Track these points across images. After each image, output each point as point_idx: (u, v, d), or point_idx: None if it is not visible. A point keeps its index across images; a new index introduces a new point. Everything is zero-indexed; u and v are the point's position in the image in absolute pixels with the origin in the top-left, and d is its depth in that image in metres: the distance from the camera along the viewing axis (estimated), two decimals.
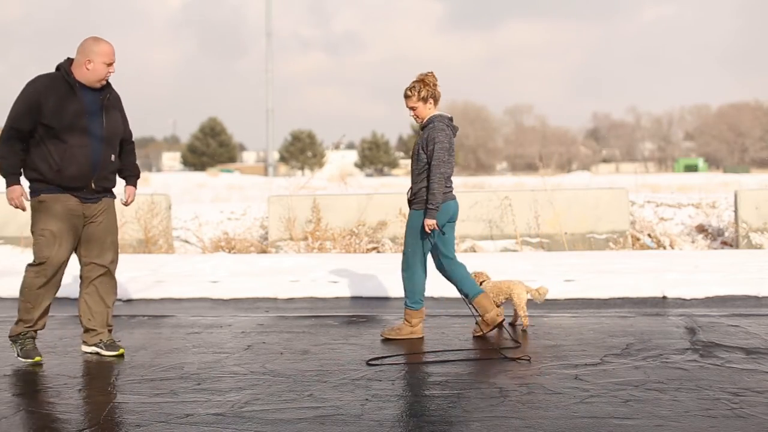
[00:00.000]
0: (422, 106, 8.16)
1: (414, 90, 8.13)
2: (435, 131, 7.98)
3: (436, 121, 8.07)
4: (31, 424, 5.93)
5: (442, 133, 7.97)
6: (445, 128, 8.04)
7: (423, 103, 8.14)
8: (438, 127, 8.00)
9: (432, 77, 8.14)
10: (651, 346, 7.88)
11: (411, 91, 8.14)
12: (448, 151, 8.03)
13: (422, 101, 8.13)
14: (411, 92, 8.14)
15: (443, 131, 8.00)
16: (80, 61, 7.61)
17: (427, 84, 8.10)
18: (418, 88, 8.11)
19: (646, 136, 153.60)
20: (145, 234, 17.99)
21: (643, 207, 21.09)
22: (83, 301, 7.92)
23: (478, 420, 5.68)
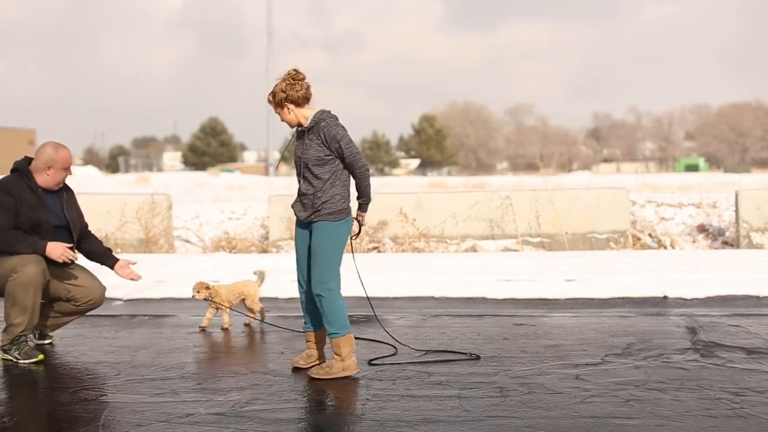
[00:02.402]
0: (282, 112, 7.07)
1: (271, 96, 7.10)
2: (331, 128, 6.90)
3: (327, 119, 6.96)
4: (31, 425, 5.94)
5: (340, 127, 6.93)
6: (336, 120, 6.99)
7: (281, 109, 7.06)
8: (331, 123, 6.92)
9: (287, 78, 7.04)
10: (652, 346, 7.89)
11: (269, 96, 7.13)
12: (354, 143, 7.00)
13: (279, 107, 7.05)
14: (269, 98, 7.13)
15: (339, 126, 6.95)
16: (40, 167, 7.91)
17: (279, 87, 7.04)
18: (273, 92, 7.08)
19: (647, 136, 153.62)
20: (146, 234, 18.00)
21: (643, 207, 21.10)
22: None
23: (478, 420, 5.68)
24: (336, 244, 7.00)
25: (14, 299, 7.54)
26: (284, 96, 6.97)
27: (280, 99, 6.99)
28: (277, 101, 7.02)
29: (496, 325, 9.12)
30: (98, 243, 8.55)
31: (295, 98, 6.98)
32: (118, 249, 17.22)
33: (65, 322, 8.42)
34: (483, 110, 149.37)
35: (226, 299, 9.05)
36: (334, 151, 6.88)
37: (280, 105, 7.01)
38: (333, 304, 6.98)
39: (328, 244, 6.97)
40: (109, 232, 17.55)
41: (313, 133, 6.92)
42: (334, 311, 6.97)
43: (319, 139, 6.89)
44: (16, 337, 7.64)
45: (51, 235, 7.84)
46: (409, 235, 17.33)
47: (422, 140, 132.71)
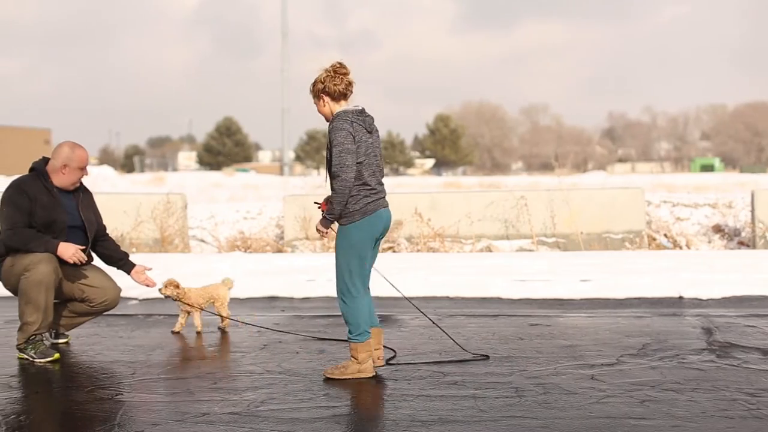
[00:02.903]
0: (318, 104, 7.05)
1: (310, 86, 7.07)
2: (333, 132, 6.79)
3: (335, 120, 6.85)
4: (47, 423, 5.96)
5: (340, 134, 6.72)
6: (345, 126, 6.77)
7: (318, 100, 7.04)
8: (337, 127, 6.78)
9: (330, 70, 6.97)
10: (667, 347, 7.87)
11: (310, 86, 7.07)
12: (354, 153, 6.72)
13: (316, 98, 7.06)
14: (310, 87, 7.08)
15: (341, 131, 6.74)
16: (56, 166, 7.97)
17: (319, 77, 6.98)
18: (313, 82, 7.03)
19: (662, 136, 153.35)
20: (161, 233, 18.04)
21: (659, 207, 21.07)
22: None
23: (493, 420, 5.67)
24: (347, 248, 6.87)
25: (27, 298, 7.57)
26: (322, 87, 6.89)
27: (318, 90, 6.92)
28: (315, 91, 6.97)
29: (511, 325, 9.12)
30: (116, 247, 8.59)
31: (332, 91, 6.89)
32: (133, 249, 17.26)
33: (80, 322, 8.45)
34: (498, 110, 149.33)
35: (195, 302, 8.99)
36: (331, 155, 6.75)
37: (317, 96, 6.95)
38: (350, 309, 6.92)
39: (340, 247, 6.90)
40: (124, 231, 17.60)
41: (328, 132, 6.86)
42: (353, 316, 6.92)
43: (328, 139, 6.83)
44: (32, 336, 7.66)
45: (65, 235, 7.88)
46: (424, 235, 17.33)
47: (437, 140, 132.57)
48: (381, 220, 6.92)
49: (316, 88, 6.92)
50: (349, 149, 6.67)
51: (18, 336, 7.76)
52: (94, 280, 8.20)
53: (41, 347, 7.70)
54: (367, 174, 6.82)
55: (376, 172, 6.94)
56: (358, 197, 6.77)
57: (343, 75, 6.90)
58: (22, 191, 7.77)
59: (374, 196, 6.86)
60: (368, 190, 6.82)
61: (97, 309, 8.28)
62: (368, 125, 6.92)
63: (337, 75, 6.88)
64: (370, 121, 6.98)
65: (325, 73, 6.89)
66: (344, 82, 6.90)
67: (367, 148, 6.83)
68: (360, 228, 6.81)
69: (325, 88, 6.88)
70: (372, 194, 6.85)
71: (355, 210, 6.77)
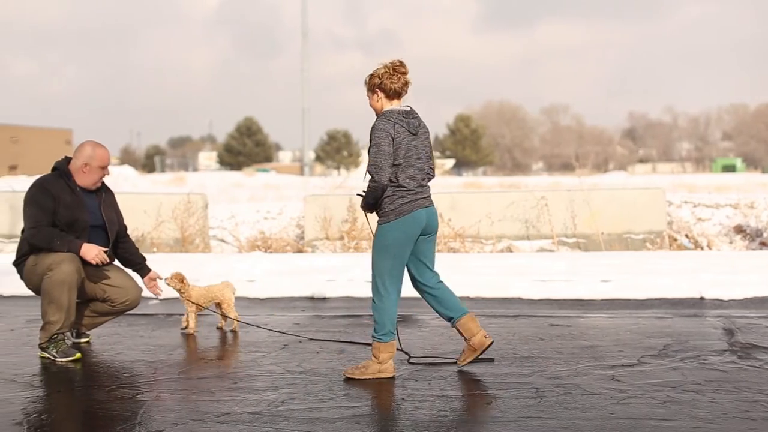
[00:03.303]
0: (371, 98, 7.05)
1: (366, 78, 7.08)
2: (372, 132, 6.79)
3: (378, 120, 6.84)
4: (69, 422, 5.98)
5: (378, 135, 6.71)
6: (386, 128, 6.74)
7: (371, 94, 7.03)
8: (377, 127, 6.77)
9: (389, 67, 6.97)
10: (688, 347, 7.84)
11: (366, 78, 7.09)
12: (388, 155, 6.69)
13: (370, 92, 7.04)
14: (366, 80, 7.10)
15: (382, 131, 6.72)
16: (78, 166, 8.02)
17: (377, 72, 6.97)
18: (369, 76, 7.06)
19: (683, 136, 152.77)
20: (182, 233, 18.08)
21: (680, 207, 21.01)
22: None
23: (514, 420, 5.67)
24: (382, 248, 6.87)
25: (50, 297, 7.59)
26: (378, 82, 6.89)
27: (374, 84, 6.93)
28: (370, 85, 6.97)
29: (532, 326, 9.11)
30: (135, 251, 8.64)
31: (387, 88, 6.89)
32: (154, 249, 17.31)
33: (102, 322, 8.48)
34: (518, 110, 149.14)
35: (196, 300, 8.99)
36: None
37: (372, 90, 6.96)
38: (378, 307, 6.95)
39: (375, 246, 6.92)
40: (145, 231, 17.65)
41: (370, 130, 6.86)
42: (379, 314, 6.94)
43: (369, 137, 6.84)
44: (54, 335, 7.69)
45: (88, 234, 7.90)
46: (445, 235, 17.31)
47: (457, 140, 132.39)
48: (417, 221, 6.87)
49: (372, 82, 6.94)
50: (385, 151, 6.68)
51: (40, 335, 7.79)
52: (116, 280, 8.23)
53: (63, 346, 7.73)
54: (404, 176, 6.80)
55: (417, 174, 6.88)
56: (393, 198, 6.78)
57: (401, 74, 6.93)
58: (46, 190, 7.80)
59: (411, 197, 6.83)
60: (404, 191, 6.80)
61: (118, 309, 8.31)
62: (412, 127, 6.89)
63: (396, 73, 6.90)
64: (416, 123, 6.94)
65: (384, 69, 6.92)
66: (401, 81, 6.92)
67: (408, 150, 6.80)
68: (395, 228, 6.81)
69: (382, 84, 6.89)
70: (409, 195, 6.82)
71: (390, 210, 6.79)
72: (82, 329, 8.44)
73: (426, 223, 6.94)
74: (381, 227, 6.85)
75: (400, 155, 6.75)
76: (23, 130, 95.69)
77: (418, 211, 6.86)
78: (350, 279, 12.62)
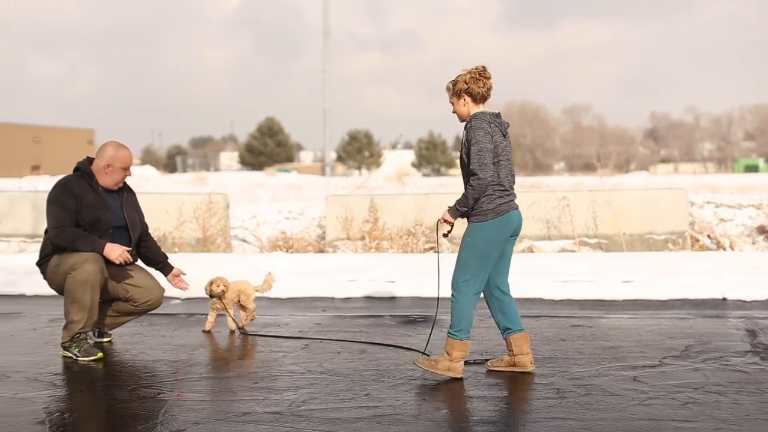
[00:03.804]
0: (456, 102, 7.13)
1: (451, 83, 7.17)
2: (472, 131, 6.84)
3: (474, 120, 6.91)
4: (90, 421, 6.00)
5: (479, 132, 6.78)
6: (484, 126, 6.83)
7: (457, 99, 7.10)
8: (475, 126, 6.84)
9: (474, 71, 7.04)
10: (711, 348, 7.81)
11: (449, 84, 7.17)
12: (492, 152, 6.77)
13: (456, 96, 7.11)
14: (449, 85, 7.17)
15: (481, 130, 6.80)
16: (100, 166, 8.05)
17: (463, 77, 7.05)
18: (455, 81, 7.14)
19: (706, 136, 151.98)
20: (204, 233, 18.11)
21: (702, 208, 20.92)
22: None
23: (534, 421, 5.66)
24: (472, 246, 6.91)
25: (73, 297, 7.62)
26: (465, 87, 6.98)
27: (460, 89, 7.01)
28: (456, 90, 7.04)
29: (553, 326, 9.09)
30: (156, 249, 8.68)
31: (474, 93, 6.98)
32: (176, 248, 17.34)
33: (124, 322, 8.51)
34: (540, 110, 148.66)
35: (230, 299, 9.01)
36: (468, 154, 6.83)
37: (458, 95, 7.04)
38: (458, 304, 6.96)
39: (466, 244, 6.95)
40: (167, 231, 17.70)
41: (465, 131, 6.95)
42: (458, 311, 6.95)
43: (463, 139, 6.93)
44: (76, 334, 7.72)
45: (110, 234, 7.93)
46: None
47: None
48: (512, 222, 6.94)
49: (458, 87, 7.03)
50: (488, 148, 6.74)
51: (62, 334, 7.82)
52: (139, 280, 8.25)
53: (85, 346, 7.76)
54: (502, 175, 6.88)
55: (509, 175, 6.98)
56: (492, 197, 6.82)
57: (486, 79, 7.02)
58: (68, 190, 7.83)
59: (507, 197, 6.91)
60: (502, 191, 6.87)
61: (141, 309, 8.34)
62: (503, 128, 6.99)
63: (481, 78, 6.99)
64: (506, 125, 7.05)
65: (470, 75, 7.01)
66: (486, 86, 7.01)
67: (502, 150, 6.89)
68: (490, 227, 6.85)
69: (468, 89, 6.99)
70: (506, 195, 6.89)
71: (488, 209, 6.82)
72: (104, 329, 8.47)
73: (516, 224, 7.01)
74: (475, 225, 6.89)
75: (498, 153, 6.86)
76: (46, 131, 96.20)
77: (514, 212, 6.96)
78: (371, 279, 12.62)
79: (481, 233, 6.84)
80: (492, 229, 6.83)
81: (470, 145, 6.76)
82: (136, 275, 8.26)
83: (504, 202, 6.85)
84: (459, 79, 7.03)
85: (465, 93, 7.00)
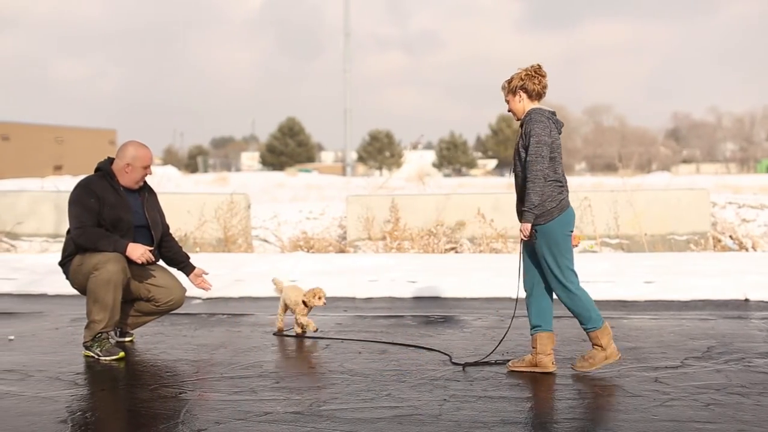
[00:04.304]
0: (512, 99, 7.21)
1: (507, 82, 7.28)
2: (532, 123, 6.92)
3: (533, 114, 7.01)
4: (112, 421, 6.02)
5: (539, 125, 6.87)
6: (543, 120, 6.93)
7: (513, 96, 7.19)
8: (534, 119, 6.93)
9: (530, 70, 7.15)
10: (733, 350, 7.78)
11: (504, 83, 7.33)
12: (549, 146, 6.88)
13: (512, 93, 7.19)
14: (504, 84, 7.32)
15: (540, 123, 6.90)
16: (120, 166, 8.09)
17: (519, 75, 7.16)
18: (510, 79, 7.25)
19: (728, 137, 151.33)
20: (225, 233, 18.14)
21: (724, 208, 20.84)
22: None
23: (555, 422, 5.65)
24: (552, 246, 6.99)
25: (95, 296, 7.65)
26: (521, 84, 7.09)
27: (516, 86, 7.12)
28: (512, 87, 7.15)
29: (574, 327, 9.04)
30: (178, 250, 8.68)
31: (529, 90, 7.09)
32: (197, 248, 17.38)
33: (145, 321, 8.53)
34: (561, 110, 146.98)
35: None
36: (527, 147, 6.91)
37: (514, 92, 7.15)
38: (576, 302, 7.08)
39: (545, 248, 7.00)
40: (188, 231, 17.73)
41: (522, 126, 7.05)
42: (579, 307, 7.08)
43: (522, 133, 7.03)
44: (98, 334, 7.74)
45: (132, 234, 7.95)
46: (487, 236, 17.26)
47: (500, 140, 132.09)
48: (572, 215, 7.12)
49: (514, 84, 7.14)
50: (546, 141, 6.85)
51: (84, 334, 7.85)
52: (161, 280, 8.27)
53: (107, 345, 7.78)
54: (559, 170, 7.02)
55: (563, 171, 7.11)
56: (553, 194, 6.92)
57: (542, 77, 7.12)
58: (90, 191, 7.86)
59: (565, 192, 7.06)
60: (561, 187, 6.99)
61: (162, 309, 8.36)
62: (559, 126, 7.10)
63: (537, 75, 7.10)
64: (561, 124, 7.15)
65: (525, 72, 7.12)
66: (542, 83, 7.13)
67: (557, 146, 7.00)
68: (559, 223, 6.97)
69: (525, 86, 7.10)
70: (564, 190, 7.04)
71: (552, 207, 6.92)
72: (125, 328, 8.49)
73: (574, 217, 7.16)
74: (547, 227, 6.95)
75: (555, 148, 6.97)
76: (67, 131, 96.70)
77: (570, 207, 7.10)
78: (392, 279, 12.62)
79: (556, 230, 6.96)
80: (561, 224, 6.98)
81: (530, 137, 6.86)
82: (158, 275, 8.28)
83: (564, 198, 7.00)
84: (514, 76, 7.15)
85: (521, 90, 7.11)
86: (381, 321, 9.67)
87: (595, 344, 7.07)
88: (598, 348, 7.05)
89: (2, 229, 18.75)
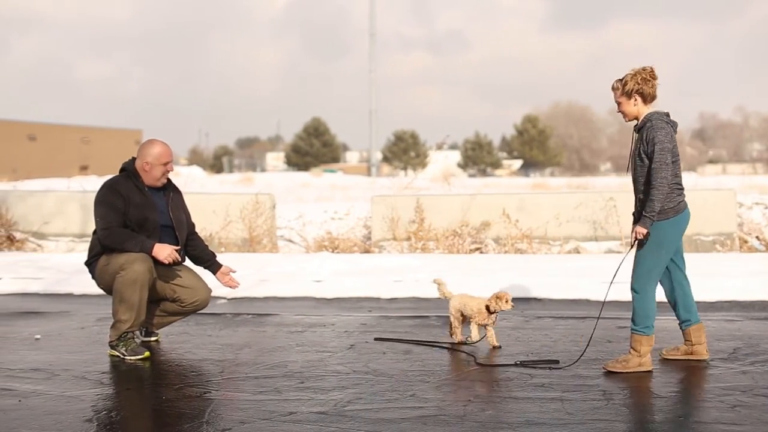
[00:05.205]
0: (626, 102, 7.27)
1: (619, 83, 7.32)
2: (654, 130, 6.99)
3: (654, 119, 7.08)
4: (137, 420, 6.04)
5: (661, 132, 6.96)
6: (664, 126, 7.03)
7: (627, 98, 7.25)
8: (657, 126, 7.01)
9: (644, 72, 7.19)
10: (759, 351, 7.75)
11: (617, 83, 7.32)
12: (670, 152, 6.99)
13: (626, 96, 7.25)
14: (617, 85, 7.32)
15: (662, 129, 6.99)
16: (140, 164, 8.11)
17: (634, 77, 7.19)
18: (624, 81, 7.27)
19: (755, 137, 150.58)
20: (250, 233, 18.16)
21: (751, 209, 20.70)
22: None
23: (581, 423, 5.63)
24: (657, 246, 7.15)
25: (121, 296, 7.68)
26: (637, 87, 7.14)
27: (631, 89, 7.17)
28: (627, 90, 7.20)
29: (600, 328, 9.02)
30: (204, 248, 8.70)
31: (645, 93, 7.16)
32: (222, 248, 17.42)
33: (171, 321, 8.56)
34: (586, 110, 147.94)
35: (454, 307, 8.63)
36: (649, 154, 6.99)
37: (629, 95, 7.20)
38: (643, 303, 7.27)
39: (650, 245, 7.16)
40: (213, 231, 17.75)
41: (641, 131, 7.12)
42: (643, 309, 7.25)
43: (642, 138, 7.09)
44: (123, 333, 7.78)
45: (158, 234, 7.98)
46: (512, 237, 17.22)
47: (525, 141, 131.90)
48: (688, 218, 7.31)
49: (629, 87, 7.19)
50: (668, 148, 6.98)
51: (110, 333, 7.89)
52: (186, 281, 8.29)
53: (132, 345, 7.81)
54: (679, 174, 7.17)
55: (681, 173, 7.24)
56: (672, 195, 7.08)
57: (654, 80, 7.20)
58: (116, 191, 7.89)
59: (683, 195, 7.23)
60: (680, 189, 7.18)
61: (188, 309, 8.38)
62: (675, 128, 7.18)
63: (651, 79, 7.18)
64: (676, 125, 7.22)
65: (641, 76, 7.17)
66: (655, 87, 7.21)
67: (674, 151, 7.09)
68: (673, 225, 7.16)
69: (640, 89, 7.16)
70: (682, 193, 7.22)
71: (669, 208, 7.09)
72: (151, 328, 8.52)
73: (689, 219, 7.34)
74: (658, 225, 7.08)
75: (674, 154, 7.08)
76: (94, 131, 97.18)
77: (687, 208, 7.27)
78: (417, 280, 12.61)
79: (667, 231, 7.13)
80: (674, 226, 7.16)
81: (653, 144, 6.94)
82: (183, 275, 8.30)
83: (681, 200, 7.16)
84: (628, 79, 7.19)
85: (636, 93, 7.17)
86: (406, 321, 9.67)
87: (633, 348, 7.13)
88: (635, 353, 7.10)
89: (29, 228, 18.83)
